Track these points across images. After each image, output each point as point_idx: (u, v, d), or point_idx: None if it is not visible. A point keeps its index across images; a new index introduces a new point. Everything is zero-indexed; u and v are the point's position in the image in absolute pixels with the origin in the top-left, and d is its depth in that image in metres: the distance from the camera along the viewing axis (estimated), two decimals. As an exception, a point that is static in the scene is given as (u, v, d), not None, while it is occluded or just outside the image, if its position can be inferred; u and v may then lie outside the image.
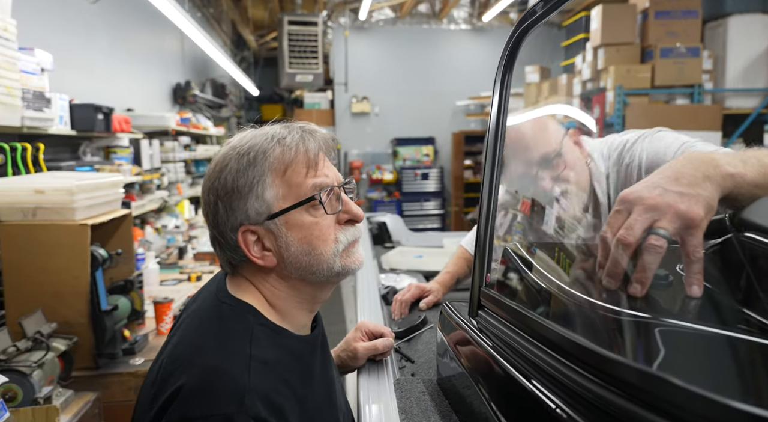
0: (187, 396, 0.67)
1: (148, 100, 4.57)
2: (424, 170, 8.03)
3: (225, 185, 0.78)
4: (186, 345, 0.75)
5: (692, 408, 0.41)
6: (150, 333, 2.15)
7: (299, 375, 0.77)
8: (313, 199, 0.78)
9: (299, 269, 0.80)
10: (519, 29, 0.84)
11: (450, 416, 0.80)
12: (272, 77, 8.59)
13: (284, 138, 0.80)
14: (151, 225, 3.60)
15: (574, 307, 0.65)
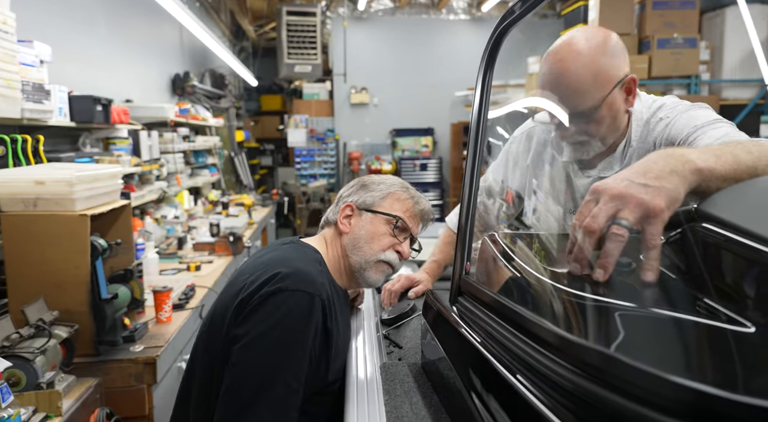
0: (283, 277, 1.01)
1: (147, 91, 4.59)
2: (423, 160, 8.05)
3: (369, 182, 1.31)
4: (276, 258, 1.10)
5: (648, 387, 0.45)
6: (150, 322, 2.20)
7: (339, 305, 1.14)
8: (394, 217, 1.24)
9: (352, 247, 1.23)
10: (499, 28, 0.87)
11: (431, 397, 0.85)
12: (271, 68, 8.59)
13: (410, 189, 1.32)
14: (150, 216, 3.64)
15: (544, 294, 0.69)
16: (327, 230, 1.30)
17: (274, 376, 0.94)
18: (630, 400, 0.46)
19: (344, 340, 1.15)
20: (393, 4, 8.00)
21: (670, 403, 0.43)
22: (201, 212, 4.95)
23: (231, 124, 6.82)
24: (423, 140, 8.18)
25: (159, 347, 1.98)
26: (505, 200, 1.35)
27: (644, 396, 0.46)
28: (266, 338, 0.97)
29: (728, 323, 0.53)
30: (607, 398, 0.49)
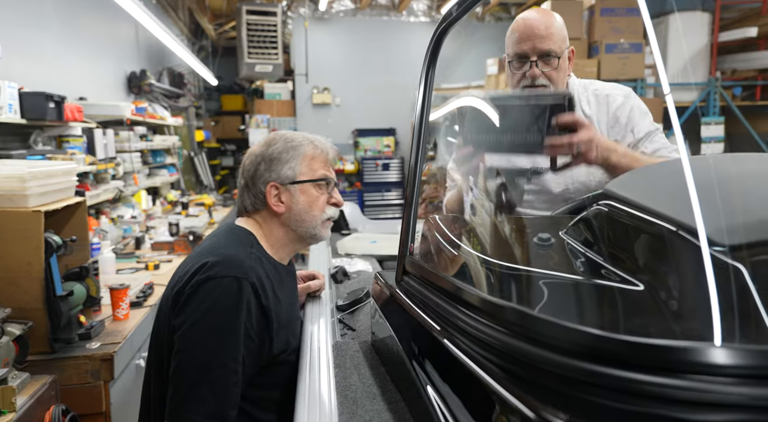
0: (211, 266, 1.08)
1: (102, 89, 4.49)
2: (385, 160, 8.14)
3: (271, 153, 1.25)
4: (207, 247, 1.17)
5: (559, 336, 0.52)
6: (107, 319, 2.18)
7: (277, 281, 1.19)
8: (323, 180, 1.27)
9: (296, 221, 1.25)
10: (439, 29, 0.95)
11: (378, 368, 0.91)
12: (232, 67, 8.50)
13: (316, 141, 1.29)
14: (106, 215, 3.58)
15: (474, 268, 0.77)
16: (257, 214, 1.28)
17: (213, 358, 1.02)
18: (547, 350, 0.54)
19: (288, 311, 1.21)
20: (354, 5, 8.06)
21: (578, 347, 0.51)
22: (160, 212, 4.88)
23: (190, 123, 6.73)
24: (385, 140, 8.27)
25: (116, 343, 1.97)
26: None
27: (557, 344, 0.53)
28: (201, 324, 1.04)
29: (623, 284, 0.61)
30: (527, 350, 0.56)
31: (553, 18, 1.38)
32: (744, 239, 0.53)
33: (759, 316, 0.49)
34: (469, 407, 0.60)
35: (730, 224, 0.55)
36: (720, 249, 0.53)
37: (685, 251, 0.56)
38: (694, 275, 0.55)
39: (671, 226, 0.58)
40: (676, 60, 5.71)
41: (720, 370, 0.45)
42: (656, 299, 0.57)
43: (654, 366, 0.47)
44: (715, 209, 0.56)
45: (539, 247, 0.72)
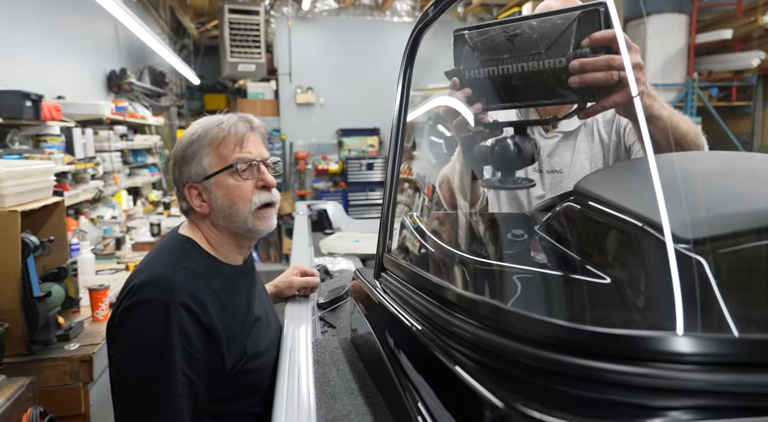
0: (136, 290, 1.00)
1: (81, 87, 4.42)
2: (369, 160, 8.15)
3: (179, 153, 1.13)
4: (142, 265, 1.09)
5: (531, 329, 0.54)
6: (86, 320, 2.16)
7: (224, 288, 1.09)
8: (232, 166, 1.09)
9: (224, 218, 1.12)
10: (416, 30, 0.96)
11: (357, 364, 0.92)
12: (214, 66, 8.42)
13: (222, 122, 1.12)
14: (85, 216, 3.53)
15: (450, 264, 0.78)
16: (193, 216, 1.17)
17: (151, 390, 0.96)
18: (518, 341, 0.55)
19: (244, 318, 1.11)
20: (337, 4, 8.05)
21: (547, 338, 0.53)
22: (141, 212, 4.82)
23: (172, 123, 6.66)
24: (369, 139, 8.28)
25: (95, 344, 1.95)
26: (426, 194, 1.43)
27: (527, 335, 0.55)
28: (131, 356, 0.98)
29: (592, 277, 0.63)
30: (499, 342, 0.58)
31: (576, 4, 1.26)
32: (705, 234, 0.55)
33: (718, 306, 0.51)
34: (442, 399, 0.61)
35: (693, 219, 0.57)
36: (682, 244, 0.54)
37: (650, 245, 0.57)
38: (657, 268, 0.57)
39: (636, 222, 0.59)
40: (655, 61, 5.81)
41: (681, 358, 0.47)
42: (622, 291, 0.59)
43: (619, 355, 0.48)
44: (678, 206, 0.58)
45: (513, 243, 0.74)
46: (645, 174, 0.63)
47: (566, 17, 0.73)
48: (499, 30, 0.79)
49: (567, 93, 0.76)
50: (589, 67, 0.71)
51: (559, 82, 0.75)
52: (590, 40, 0.72)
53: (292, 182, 8.17)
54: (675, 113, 0.90)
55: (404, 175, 1.10)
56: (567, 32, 0.73)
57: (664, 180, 0.60)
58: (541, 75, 0.76)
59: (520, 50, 0.77)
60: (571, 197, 0.76)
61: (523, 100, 0.84)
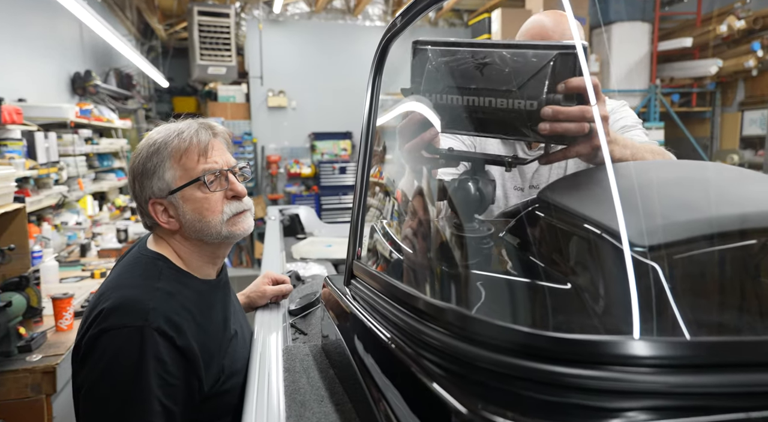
0: (106, 315, 0.92)
1: (44, 90, 4.29)
2: (342, 164, 8.13)
3: (137, 167, 1.05)
4: (109, 285, 1.01)
5: (495, 335, 0.55)
6: (49, 330, 2.09)
7: (200, 307, 1.03)
8: (199, 179, 1.03)
9: (195, 232, 1.05)
10: (384, 38, 0.97)
11: (327, 371, 0.92)
12: (184, 68, 8.29)
13: (182, 132, 1.05)
14: (48, 222, 3.42)
15: (417, 272, 0.79)
16: (159, 231, 1.09)
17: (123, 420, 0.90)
18: (480, 347, 0.57)
19: (220, 335, 1.06)
20: (309, 8, 8.03)
21: (508, 344, 0.54)
22: (107, 218, 4.70)
23: (140, 126, 6.52)
24: (342, 143, 8.27)
25: (59, 355, 1.89)
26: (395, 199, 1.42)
27: (489, 341, 0.56)
28: (101, 386, 0.91)
29: (553, 283, 0.65)
30: (462, 348, 0.59)
31: (567, 21, 1.21)
32: (659, 240, 0.57)
33: (672, 311, 0.53)
34: (410, 406, 0.62)
35: (648, 226, 0.59)
36: (638, 250, 0.57)
37: (607, 252, 0.60)
38: (614, 274, 0.59)
39: (594, 228, 0.62)
40: (619, 67, 5.98)
41: (637, 361, 0.49)
42: (582, 297, 0.61)
43: (578, 360, 0.50)
44: (635, 213, 0.60)
45: (477, 249, 0.75)
46: (604, 182, 0.65)
47: (541, 56, 0.70)
48: (467, 54, 0.75)
49: (531, 134, 0.73)
50: (562, 117, 0.69)
51: (525, 124, 0.72)
52: (566, 86, 0.69)
53: (264, 186, 8.10)
54: (639, 148, 0.88)
55: (375, 178, 1.10)
56: (541, 73, 0.70)
57: (621, 188, 0.62)
58: (509, 113, 0.73)
59: (489, 83, 0.73)
60: (535, 204, 0.79)
61: (483, 132, 0.80)
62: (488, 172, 0.80)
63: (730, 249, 0.58)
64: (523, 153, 1.31)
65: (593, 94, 0.70)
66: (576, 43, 0.72)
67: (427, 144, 0.81)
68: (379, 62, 1.00)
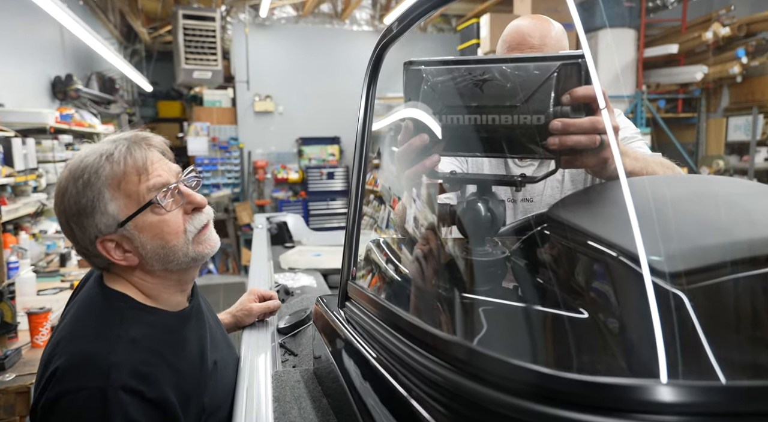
0: (61, 375, 0.79)
1: (22, 94, 4.17)
2: (330, 169, 8.07)
3: (69, 207, 0.88)
4: (64, 334, 0.87)
5: (504, 374, 0.50)
6: (24, 347, 2.00)
7: (171, 345, 0.91)
8: (152, 203, 0.89)
9: (159, 261, 0.92)
10: (379, 46, 0.92)
11: (320, 401, 0.86)
12: (168, 73, 8.17)
13: (112, 154, 0.89)
14: (26, 231, 3.31)
15: (418, 295, 0.74)
16: (114, 267, 0.94)
17: None
18: (490, 387, 0.52)
19: (196, 374, 0.94)
20: (296, 12, 7.97)
21: (523, 386, 0.49)
22: (88, 225, 4.58)
23: (124, 130, 6.39)
24: (329, 148, 8.21)
25: (34, 374, 1.80)
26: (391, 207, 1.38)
27: (498, 382, 0.51)
28: None
29: (569, 314, 0.60)
30: (471, 388, 0.54)
31: (549, 26, 1.19)
32: (690, 266, 0.53)
33: (703, 351, 0.48)
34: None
35: (674, 250, 0.54)
36: (665, 278, 0.52)
37: (629, 281, 0.55)
38: (637, 305, 0.54)
39: (615, 253, 0.57)
40: (605, 73, 6.01)
41: (665, 408, 0.44)
42: (601, 331, 0.56)
43: (598, 406, 0.45)
44: (662, 236, 0.56)
45: (488, 275, 0.70)
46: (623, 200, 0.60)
47: (544, 68, 0.67)
48: (464, 72, 0.72)
49: (539, 150, 0.70)
50: (572, 129, 0.66)
51: (532, 139, 0.69)
52: (572, 96, 0.66)
53: (250, 191, 8.00)
54: (649, 160, 0.86)
55: (369, 185, 1.04)
56: (546, 86, 0.67)
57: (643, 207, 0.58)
58: (513, 130, 0.69)
59: (491, 99, 0.70)
60: (544, 223, 0.74)
61: (487, 152, 0.76)
62: (495, 192, 0.76)
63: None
64: (515, 167, 1.28)
65: (603, 102, 0.67)
66: (584, 51, 0.69)
67: (429, 170, 0.77)
68: (373, 70, 0.95)
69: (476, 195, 0.75)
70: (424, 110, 0.77)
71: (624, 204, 0.58)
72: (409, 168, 0.78)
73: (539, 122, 0.68)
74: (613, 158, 0.71)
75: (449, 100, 0.74)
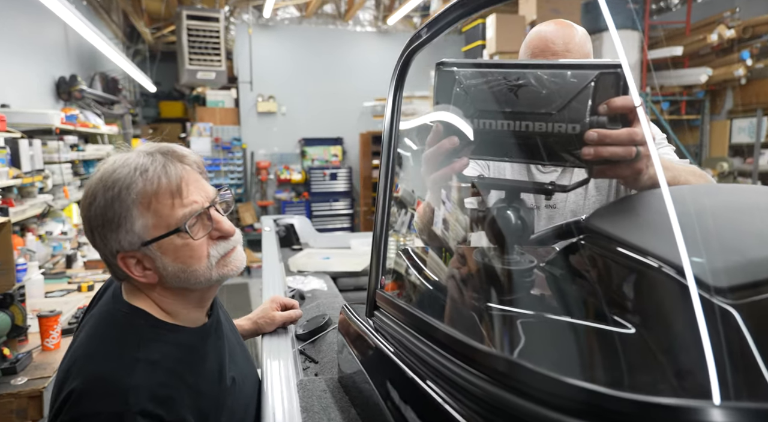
0: (78, 398, 0.76)
1: (28, 95, 4.16)
2: (333, 170, 8.06)
3: (96, 217, 0.84)
4: (80, 352, 0.83)
5: (549, 389, 0.49)
6: (35, 350, 1.99)
7: (190, 365, 0.87)
8: (176, 229, 0.85)
9: (179, 282, 0.88)
10: (407, 51, 0.91)
11: (349, 411, 0.85)
12: (171, 73, 8.16)
13: (146, 170, 0.84)
14: (33, 232, 3.30)
15: (452, 304, 0.73)
16: (134, 280, 0.89)
17: None
18: (531, 402, 0.51)
19: (215, 392, 0.91)
20: (299, 13, 7.96)
21: (567, 402, 0.48)
22: (93, 226, 4.56)
23: (126, 131, 6.38)
24: (332, 149, 8.20)
25: (46, 378, 1.80)
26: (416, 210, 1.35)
27: (543, 397, 0.50)
28: None
29: (614, 326, 0.59)
30: (512, 402, 0.53)
31: (573, 31, 1.18)
32: (739, 281, 0.52)
33: (758, 370, 0.47)
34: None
35: (724, 264, 0.53)
36: (717, 293, 0.51)
37: (679, 295, 0.54)
38: (686, 321, 0.54)
39: (662, 266, 0.56)
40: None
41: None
42: (647, 347, 0.55)
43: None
44: (706, 248, 0.55)
45: (522, 284, 0.69)
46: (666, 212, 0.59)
47: (581, 76, 0.66)
48: (498, 76, 0.71)
49: (572, 159, 0.69)
50: (608, 141, 0.65)
51: (565, 148, 0.68)
52: (609, 107, 0.65)
53: (253, 192, 7.99)
54: (680, 169, 0.85)
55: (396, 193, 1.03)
56: (583, 95, 0.66)
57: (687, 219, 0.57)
58: (546, 137, 0.68)
59: (525, 106, 0.69)
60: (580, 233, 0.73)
61: (517, 158, 0.75)
62: (524, 199, 0.75)
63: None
64: (537, 173, 1.27)
65: (644, 115, 0.66)
66: (621, 60, 0.68)
67: (458, 173, 0.77)
68: (400, 75, 0.94)
69: (507, 201, 0.75)
70: (455, 113, 0.76)
71: (668, 215, 0.57)
72: (437, 170, 0.78)
73: (574, 131, 0.68)
74: (646, 169, 0.71)
75: (482, 104, 0.73)
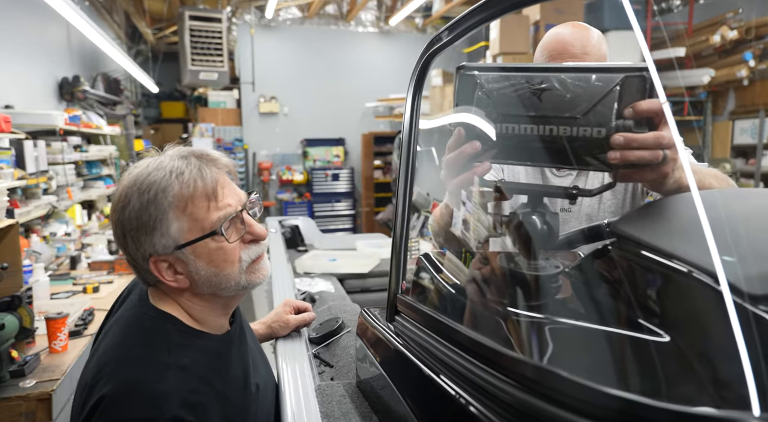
0: (109, 404, 0.74)
1: (31, 96, 4.15)
2: (335, 170, 8.06)
3: (130, 221, 0.84)
4: (109, 356, 0.82)
5: (580, 397, 0.49)
6: (42, 352, 1.98)
7: (218, 372, 0.87)
8: (216, 233, 0.85)
9: (210, 287, 0.88)
10: (426, 54, 0.91)
11: (370, 417, 0.85)
12: (173, 73, 8.15)
13: (182, 173, 0.84)
14: (37, 234, 3.29)
15: (479, 310, 0.72)
16: (161, 285, 0.90)
17: None
18: (564, 409, 0.50)
19: (241, 398, 0.91)
20: (301, 13, 7.96)
21: (602, 411, 0.48)
22: (96, 227, 4.56)
23: (129, 132, 6.37)
24: (334, 150, 8.20)
25: (54, 380, 1.79)
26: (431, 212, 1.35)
27: (577, 405, 0.50)
28: None
29: (647, 334, 0.59)
30: (544, 409, 0.52)
31: (589, 33, 1.19)
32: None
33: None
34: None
35: (761, 270, 0.53)
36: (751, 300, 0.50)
37: (715, 302, 0.53)
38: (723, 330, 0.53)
39: (696, 273, 0.55)
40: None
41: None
42: (682, 356, 0.54)
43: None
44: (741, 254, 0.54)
45: (549, 289, 0.69)
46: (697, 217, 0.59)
47: (606, 80, 0.65)
48: (521, 79, 0.70)
49: (596, 163, 0.68)
50: (635, 145, 0.65)
51: (589, 152, 0.67)
52: (635, 110, 0.64)
53: (255, 192, 7.98)
54: (704, 172, 0.85)
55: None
56: (608, 98, 0.65)
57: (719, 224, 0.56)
58: (571, 142, 0.68)
59: (549, 110, 0.68)
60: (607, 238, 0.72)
61: (540, 162, 0.75)
62: (547, 204, 0.75)
63: None
64: (552, 177, 1.26)
65: (671, 118, 0.66)
66: (648, 63, 0.67)
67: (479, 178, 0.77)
68: (419, 79, 0.93)
69: (531, 206, 0.74)
70: (477, 117, 0.76)
71: (701, 221, 0.57)
72: (459, 175, 0.78)
73: (599, 135, 0.67)
74: (672, 173, 0.71)
75: (505, 108, 0.73)
